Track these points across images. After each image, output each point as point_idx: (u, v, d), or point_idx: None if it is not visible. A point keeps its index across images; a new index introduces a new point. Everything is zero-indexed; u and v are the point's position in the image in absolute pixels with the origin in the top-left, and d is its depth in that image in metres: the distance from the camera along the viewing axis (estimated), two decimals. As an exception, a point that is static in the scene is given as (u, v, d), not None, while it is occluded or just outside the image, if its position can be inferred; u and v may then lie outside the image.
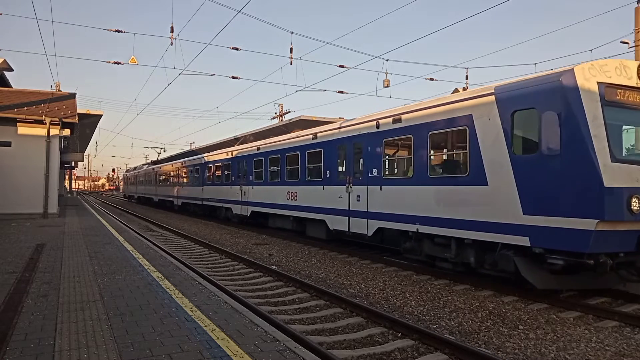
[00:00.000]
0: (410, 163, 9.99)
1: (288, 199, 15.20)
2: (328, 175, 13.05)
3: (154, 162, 47.59)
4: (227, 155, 21.75)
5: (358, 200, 11.54)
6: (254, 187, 18.34)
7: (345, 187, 12.18)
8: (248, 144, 20.72)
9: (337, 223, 12.59)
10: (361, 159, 11.70)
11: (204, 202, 24.63)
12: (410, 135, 9.90)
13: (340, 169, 12.75)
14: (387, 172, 11.13)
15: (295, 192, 14.79)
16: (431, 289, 8.54)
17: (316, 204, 13.53)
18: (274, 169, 16.74)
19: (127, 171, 68.03)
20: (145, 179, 43.41)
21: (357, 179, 11.78)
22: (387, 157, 11.19)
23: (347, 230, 12.05)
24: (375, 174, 10.97)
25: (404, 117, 10.16)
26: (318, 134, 13.78)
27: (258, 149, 18.25)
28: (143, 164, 58.57)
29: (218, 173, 22.88)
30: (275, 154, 16.55)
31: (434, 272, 9.85)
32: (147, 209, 36.21)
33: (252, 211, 18.47)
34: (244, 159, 19.72)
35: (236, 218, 20.79)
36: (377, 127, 10.94)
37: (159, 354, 3.95)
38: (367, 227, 11.16)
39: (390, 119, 10.48)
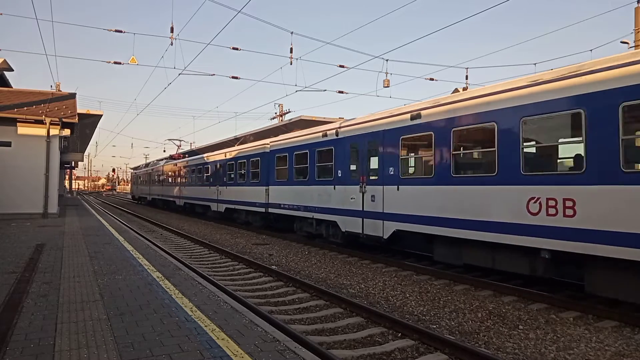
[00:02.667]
0: None
1: (531, 212, 7.36)
2: None
3: (172, 157, 37.87)
4: (324, 137, 13.57)
5: None
6: (401, 187, 10.42)
7: None
8: (374, 114, 11.80)
9: None
10: None
11: (269, 209, 17.15)
12: None
13: None
14: None
15: (553, 199, 7.07)
16: (431, 289, 8.55)
17: None
18: (475, 153, 9.47)
19: (135, 169, 57.15)
20: (165, 178, 35.12)
21: None
22: None
23: None
24: None
25: None
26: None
27: (414, 117, 9.98)
28: (159, 159, 47.06)
29: (300, 166, 14.90)
30: (473, 123, 8.60)
31: (434, 272, 9.84)
32: (149, 210, 36.15)
33: (396, 230, 10.52)
34: (366, 140, 11.72)
35: (339, 237, 13.06)
36: None
37: (159, 354, 3.95)
38: None
39: None
